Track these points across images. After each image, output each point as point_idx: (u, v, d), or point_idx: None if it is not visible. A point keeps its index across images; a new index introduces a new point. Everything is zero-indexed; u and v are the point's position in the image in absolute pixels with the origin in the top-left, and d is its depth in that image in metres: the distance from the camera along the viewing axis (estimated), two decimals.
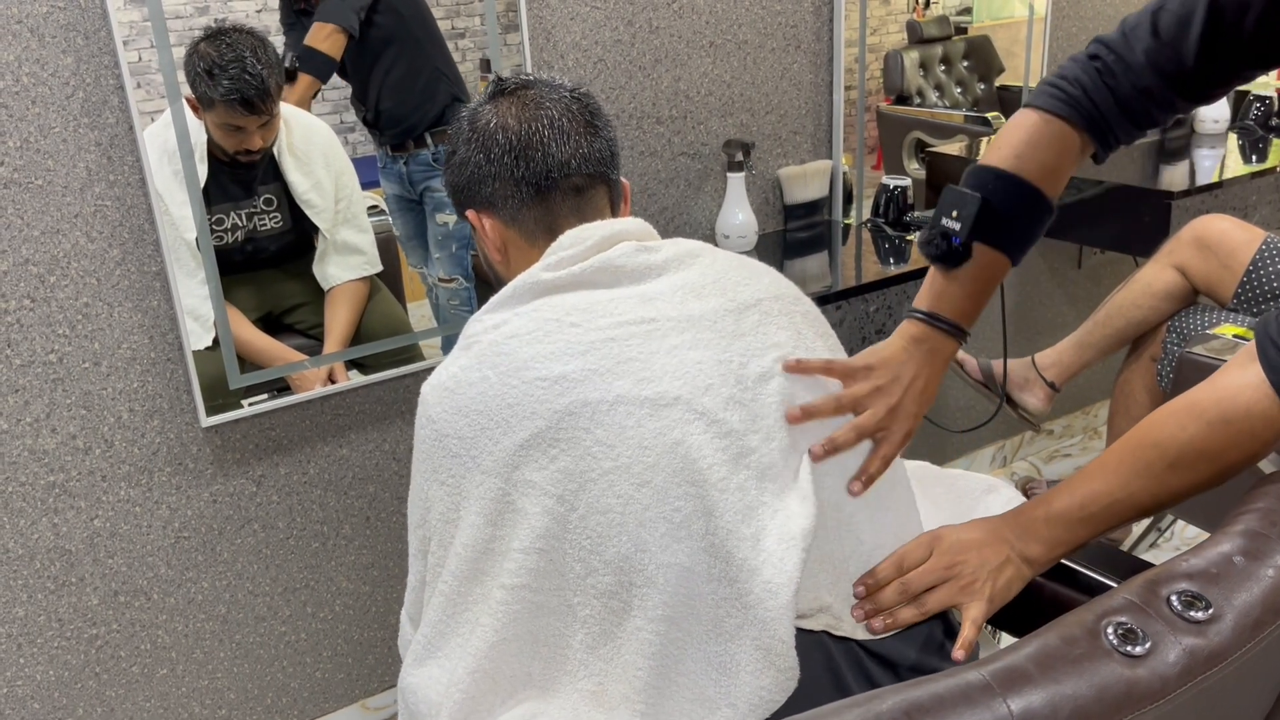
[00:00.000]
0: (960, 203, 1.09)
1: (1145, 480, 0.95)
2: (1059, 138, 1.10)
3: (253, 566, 1.84)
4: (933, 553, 1.00)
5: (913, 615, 0.98)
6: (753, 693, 0.88)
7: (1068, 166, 1.12)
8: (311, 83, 1.69)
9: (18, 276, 1.52)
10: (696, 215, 2.16)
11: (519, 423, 0.91)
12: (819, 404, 0.98)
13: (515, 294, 1.00)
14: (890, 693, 0.66)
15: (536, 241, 1.06)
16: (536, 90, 1.07)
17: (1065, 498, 1.00)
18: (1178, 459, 0.93)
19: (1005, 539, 1.01)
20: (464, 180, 1.08)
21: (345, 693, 2.00)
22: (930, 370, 1.10)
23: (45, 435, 1.59)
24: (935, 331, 1.11)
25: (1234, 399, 0.90)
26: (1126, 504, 0.97)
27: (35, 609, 1.65)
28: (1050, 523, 1.00)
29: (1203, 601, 0.73)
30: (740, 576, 0.89)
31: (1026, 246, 1.13)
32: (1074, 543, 1.00)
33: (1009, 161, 1.09)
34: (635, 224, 1.06)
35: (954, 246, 1.09)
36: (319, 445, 1.84)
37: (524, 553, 0.90)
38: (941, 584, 0.99)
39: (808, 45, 2.20)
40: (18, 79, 1.46)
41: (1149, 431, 0.96)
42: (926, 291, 1.14)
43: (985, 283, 1.12)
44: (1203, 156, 2.65)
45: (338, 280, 1.79)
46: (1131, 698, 0.67)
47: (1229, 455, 0.91)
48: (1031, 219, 1.11)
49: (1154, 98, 1.08)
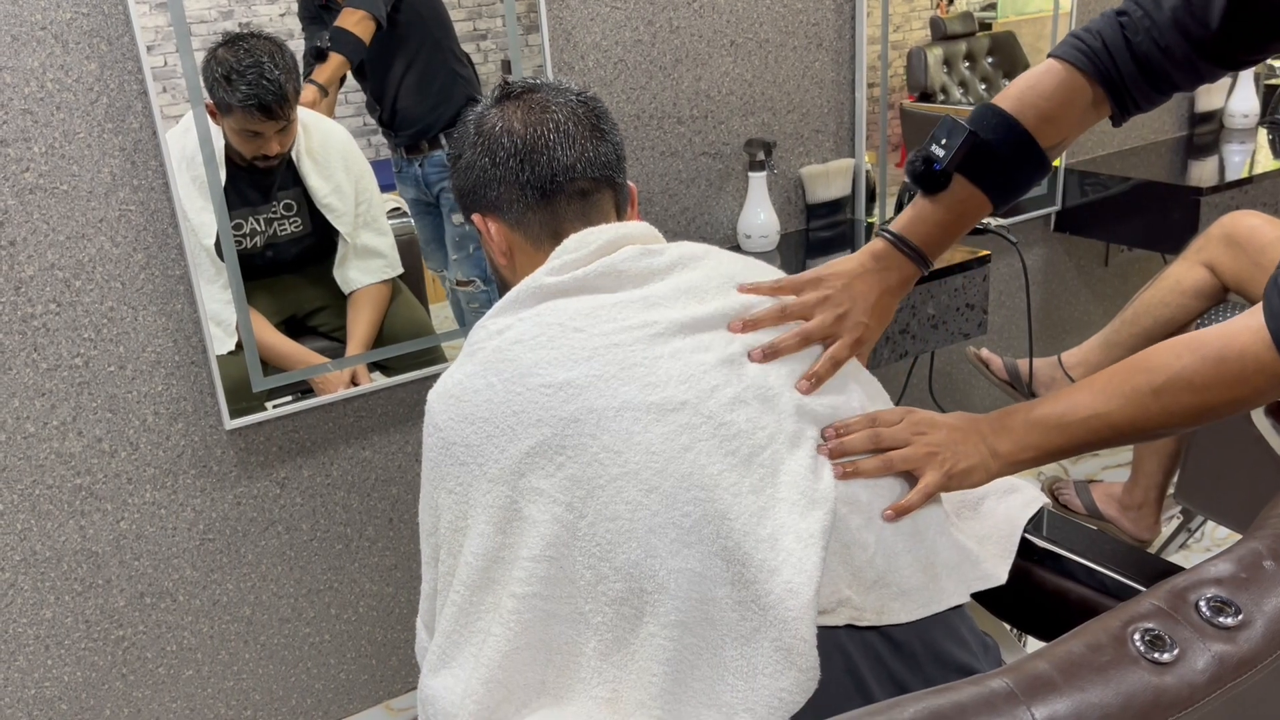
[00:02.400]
0: (951, 132, 1.09)
1: (1127, 401, 0.95)
2: (1067, 88, 1.09)
3: (277, 568, 1.84)
4: (904, 420, 1.01)
5: (875, 466, 0.97)
6: (771, 695, 0.87)
7: (1072, 119, 1.11)
8: (342, 63, 1.70)
9: (44, 281, 1.53)
10: (718, 215, 2.15)
11: (524, 430, 0.91)
12: (763, 313, 1.00)
13: (519, 299, 1.00)
14: (911, 700, 0.65)
15: (542, 246, 1.05)
16: (542, 94, 1.07)
17: (1049, 405, 1.00)
18: (1164, 386, 0.93)
19: (978, 428, 1.02)
20: (469, 184, 1.08)
21: (369, 694, 2.01)
22: (885, 287, 1.11)
23: (72, 438, 1.61)
24: (898, 252, 1.12)
25: (1232, 339, 0.90)
26: (1104, 422, 0.97)
27: (63, 610, 1.67)
28: (1027, 424, 1.00)
29: (1232, 607, 0.72)
30: (759, 578, 0.88)
31: (1010, 193, 1.13)
32: (1044, 449, 1.00)
33: (1010, 103, 1.10)
34: (640, 227, 1.05)
35: (934, 172, 1.10)
36: (342, 447, 1.85)
37: (533, 561, 0.90)
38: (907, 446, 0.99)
39: (830, 43, 2.18)
40: (42, 85, 1.47)
41: (1145, 357, 0.96)
42: (902, 215, 1.15)
43: (960, 217, 1.13)
44: (1232, 152, 2.62)
45: (358, 284, 1.79)
46: (1159, 706, 0.66)
47: (1214, 392, 0.91)
48: (1019, 164, 1.10)
49: (1174, 58, 1.06)
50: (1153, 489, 2.26)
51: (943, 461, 0.99)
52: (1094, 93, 1.10)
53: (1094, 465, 2.89)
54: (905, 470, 0.99)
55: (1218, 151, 2.62)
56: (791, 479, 0.92)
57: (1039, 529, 1.27)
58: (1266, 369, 0.88)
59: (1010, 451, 1.01)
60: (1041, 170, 1.12)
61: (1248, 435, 1.70)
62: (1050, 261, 2.73)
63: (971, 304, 2.10)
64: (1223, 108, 2.83)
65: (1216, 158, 2.56)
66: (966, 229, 1.15)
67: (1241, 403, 0.91)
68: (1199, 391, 0.91)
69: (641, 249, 1.02)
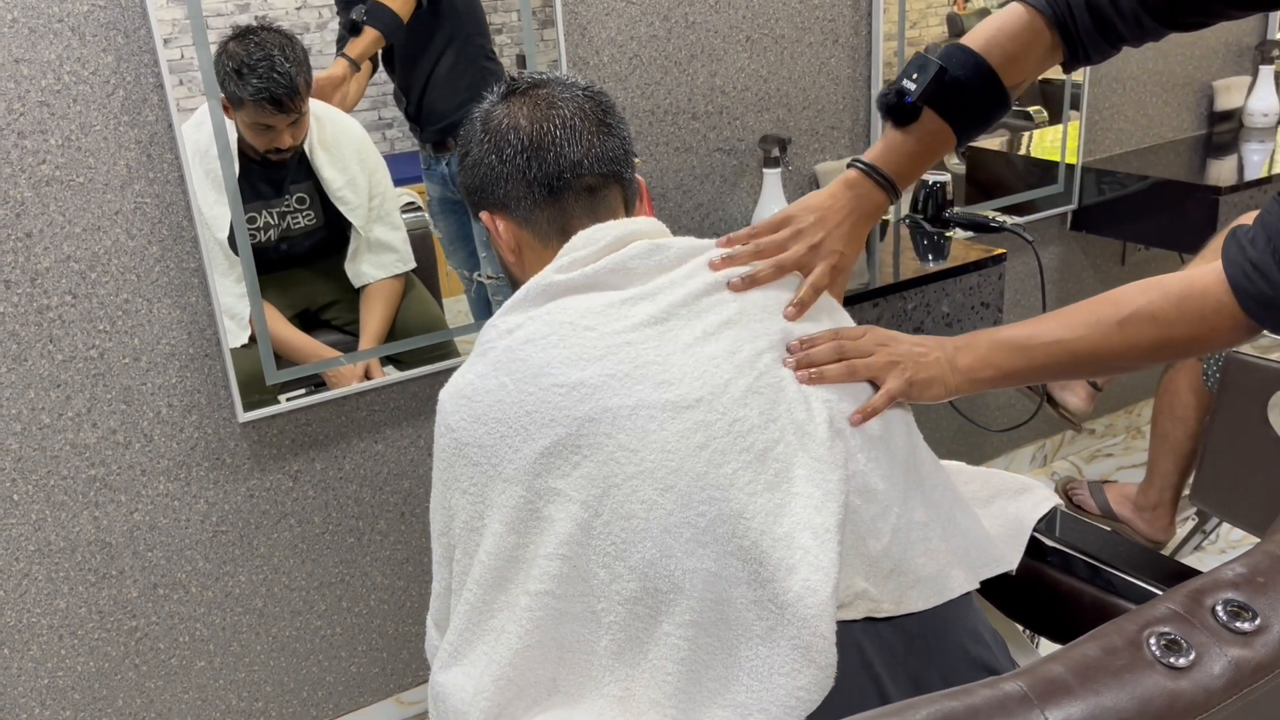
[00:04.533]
0: (922, 68, 1.14)
1: (1091, 330, 1.00)
2: (1028, 30, 1.14)
3: (289, 561, 1.85)
4: (868, 334, 1.05)
5: (838, 371, 1.00)
6: (788, 694, 0.87)
7: (1031, 60, 1.15)
8: (377, 38, 1.67)
9: (60, 273, 1.54)
10: (732, 211, 2.14)
11: (539, 430, 0.91)
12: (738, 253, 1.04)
13: (528, 296, 0.99)
14: (925, 703, 0.65)
15: (550, 242, 1.05)
16: (549, 89, 1.06)
17: (1016, 328, 1.05)
18: (1128, 318, 0.98)
19: (941, 344, 1.06)
20: (477, 182, 1.07)
21: (380, 687, 2.01)
22: (858, 215, 1.14)
23: (86, 430, 1.61)
24: (869, 180, 1.16)
25: (1195, 280, 0.96)
26: (1065, 349, 1.01)
27: (76, 601, 1.68)
28: (992, 343, 1.04)
29: (1249, 612, 0.71)
30: (776, 577, 0.88)
31: (973, 126, 1.17)
32: (1004, 369, 1.04)
33: (978, 43, 1.14)
34: (648, 223, 1.05)
35: (904, 104, 1.14)
36: (355, 441, 1.85)
37: (548, 558, 0.90)
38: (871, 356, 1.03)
39: (846, 39, 2.17)
40: (59, 77, 1.47)
41: (1115, 293, 1.01)
42: (873, 147, 1.19)
43: (928, 149, 1.17)
44: (1251, 151, 2.60)
45: (371, 278, 1.79)
46: (1175, 710, 0.65)
47: (1175, 328, 0.96)
48: (983, 100, 1.15)
49: (1121, 10, 1.10)
50: (1168, 490, 2.25)
51: (904, 370, 1.02)
52: (1050, 37, 1.14)
53: (1109, 466, 2.88)
54: (868, 378, 1.02)
55: (1237, 150, 2.60)
56: (805, 473, 0.92)
57: (1051, 530, 1.26)
58: (1224, 309, 0.94)
59: (970, 367, 1.04)
60: (1003, 107, 1.17)
61: (1264, 437, 1.69)
62: (1066, 260, 2.72)
63: (987, 302, 2.08)
64: (1242, 106, 2.80)
65: (1235, 156, 2.54)
66: (934, 160, 1.20)
67: (1199, 341, 0.97)
68: (1161, 326, 0.96)
69: (650, 244, 1.01)
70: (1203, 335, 0.96)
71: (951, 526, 1.03)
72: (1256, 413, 1.67)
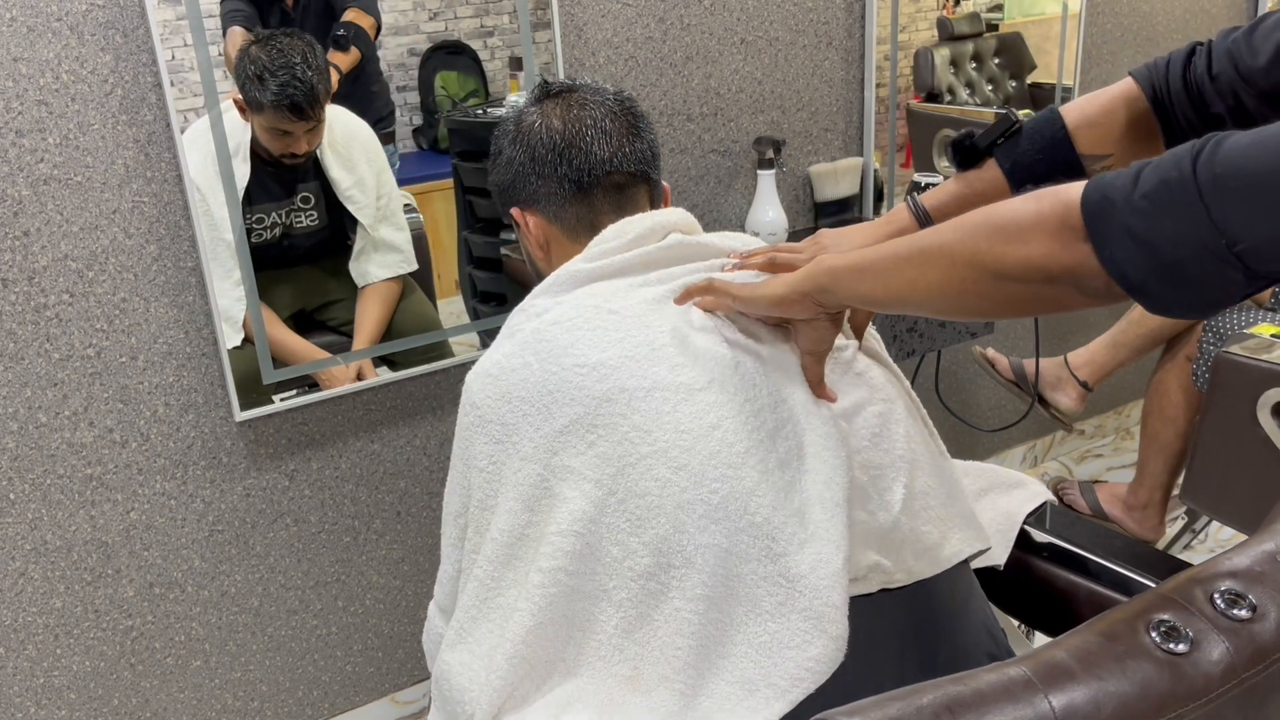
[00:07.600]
0: (1003, 120, 1.15)
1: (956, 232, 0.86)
2: (1119, 98, 1.13)
3: (285, 560, 1.85)
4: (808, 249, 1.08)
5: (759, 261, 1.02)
6: (797, 667, 0.87)
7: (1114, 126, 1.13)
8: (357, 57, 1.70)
9: (57, 272, 1.54)
10: (727, 212, 2.16)
11: (559, 409, 0.92)
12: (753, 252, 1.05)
13: (557, 283, 1.02)
14: (931, 687, 0.66)
15: (579, 238, 1.08)
16: (580, 93, 1.11)
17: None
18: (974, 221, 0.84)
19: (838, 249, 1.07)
20: (509, 179, 1.11)
21: (375, 686, 2.01)
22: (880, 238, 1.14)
23: (83, 429, 1.61)
24: (906, 210, 1.18)
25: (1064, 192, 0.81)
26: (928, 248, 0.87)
27: (72, 600, 1.68)
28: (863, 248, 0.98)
29: (1246, 600, 0.72)
30: (788, 551, 0.89)
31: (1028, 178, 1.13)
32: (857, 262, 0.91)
33: (1068, 105, 1.15)
34: (679, 215, 1.07)
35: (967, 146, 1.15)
36: (350, 440, 1.86)
37: (561, 535, 0.91)
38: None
39: (839, 42, 2.19)
40: (57, 76, 1.48)
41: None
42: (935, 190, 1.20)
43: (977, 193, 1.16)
44: None
45: (375, 278, 1.80)
46: (1175, 695, 0.66)
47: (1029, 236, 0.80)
48: (1042, 153, 1.13)
49: (1219, 84, 1.08)
50: (1158, 489, 2.27)
51: None
52: (1145, 109, 1.12)
53: (1099, 466, 2.90)
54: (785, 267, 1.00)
55: None
56: (815, 450, 0.93)
57: (1042, 525, 1.27)
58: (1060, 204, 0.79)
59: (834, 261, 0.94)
60: (1066, 170, 1.13)
61: (1254, 437, 1.70)
62: None
63: None
64: None
65: None
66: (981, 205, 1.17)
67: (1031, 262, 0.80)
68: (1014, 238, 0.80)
69: (682, 239, 1.05)
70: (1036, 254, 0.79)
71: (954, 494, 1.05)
72: (1246, 412, 1.69)
